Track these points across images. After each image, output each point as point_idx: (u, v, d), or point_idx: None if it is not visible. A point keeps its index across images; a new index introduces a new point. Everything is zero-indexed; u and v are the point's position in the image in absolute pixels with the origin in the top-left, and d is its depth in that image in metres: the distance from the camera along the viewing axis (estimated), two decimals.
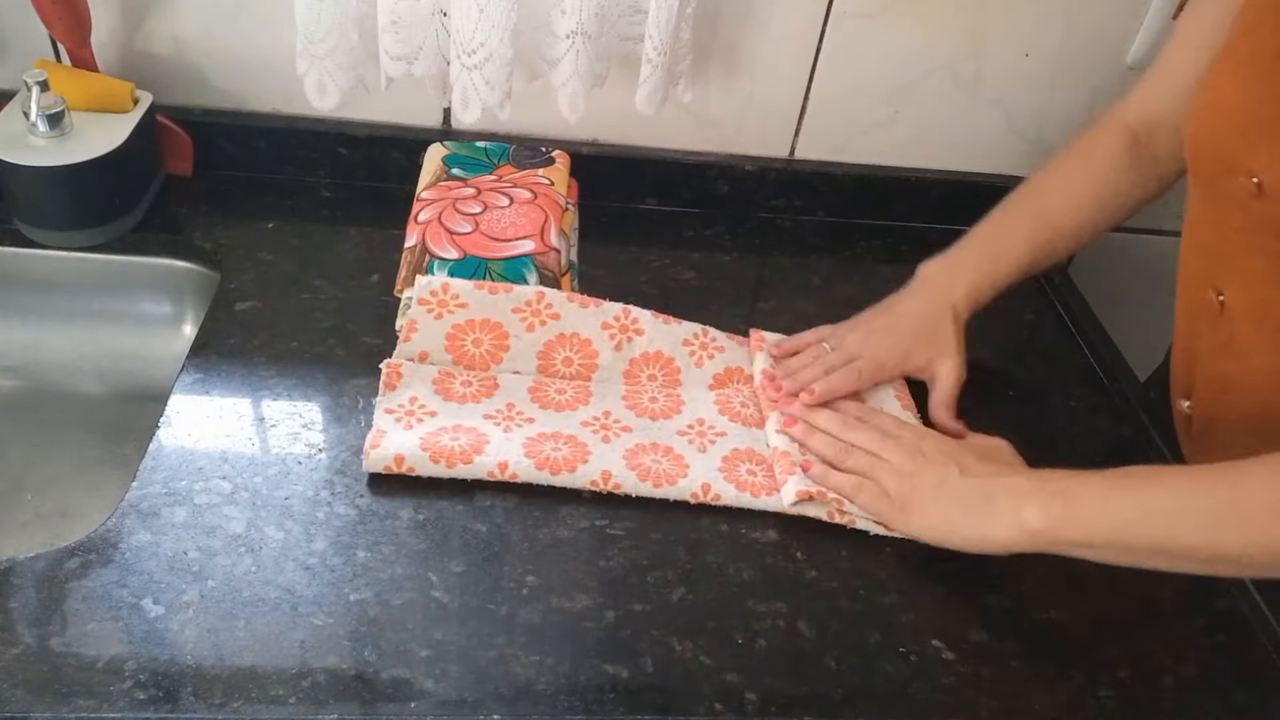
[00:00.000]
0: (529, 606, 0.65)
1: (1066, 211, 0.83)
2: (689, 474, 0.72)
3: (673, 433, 0.76)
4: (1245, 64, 0.67)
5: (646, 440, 0.75)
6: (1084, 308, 0.97)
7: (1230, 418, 0.75)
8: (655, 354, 0.80)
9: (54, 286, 0.90)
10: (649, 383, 0.80)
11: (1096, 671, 0.66)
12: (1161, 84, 0.80)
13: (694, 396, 0.80)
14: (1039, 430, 0.85)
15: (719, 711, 0.61)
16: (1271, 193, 0.65)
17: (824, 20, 0.95)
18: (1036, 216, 0.83)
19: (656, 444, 0.75)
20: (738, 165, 1.02)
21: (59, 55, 0.91)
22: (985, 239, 0.84)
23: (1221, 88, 0.69)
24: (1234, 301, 0.71)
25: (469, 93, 0.85)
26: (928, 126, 1.02)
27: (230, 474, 0.70)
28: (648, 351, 0.80)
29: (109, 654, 0.59)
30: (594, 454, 0.72)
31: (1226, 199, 0.69)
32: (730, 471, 0.73)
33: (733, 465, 0.74)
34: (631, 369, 0.80)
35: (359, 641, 0.61)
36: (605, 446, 0.73)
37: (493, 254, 0.79)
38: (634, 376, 0.80)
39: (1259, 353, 0.70)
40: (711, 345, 0.82)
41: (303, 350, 0.80)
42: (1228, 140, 0.68)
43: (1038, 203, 0.84)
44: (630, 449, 0.73)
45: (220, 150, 0.96)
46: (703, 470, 0.73)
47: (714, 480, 0.72)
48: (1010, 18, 0.96)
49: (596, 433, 0.74)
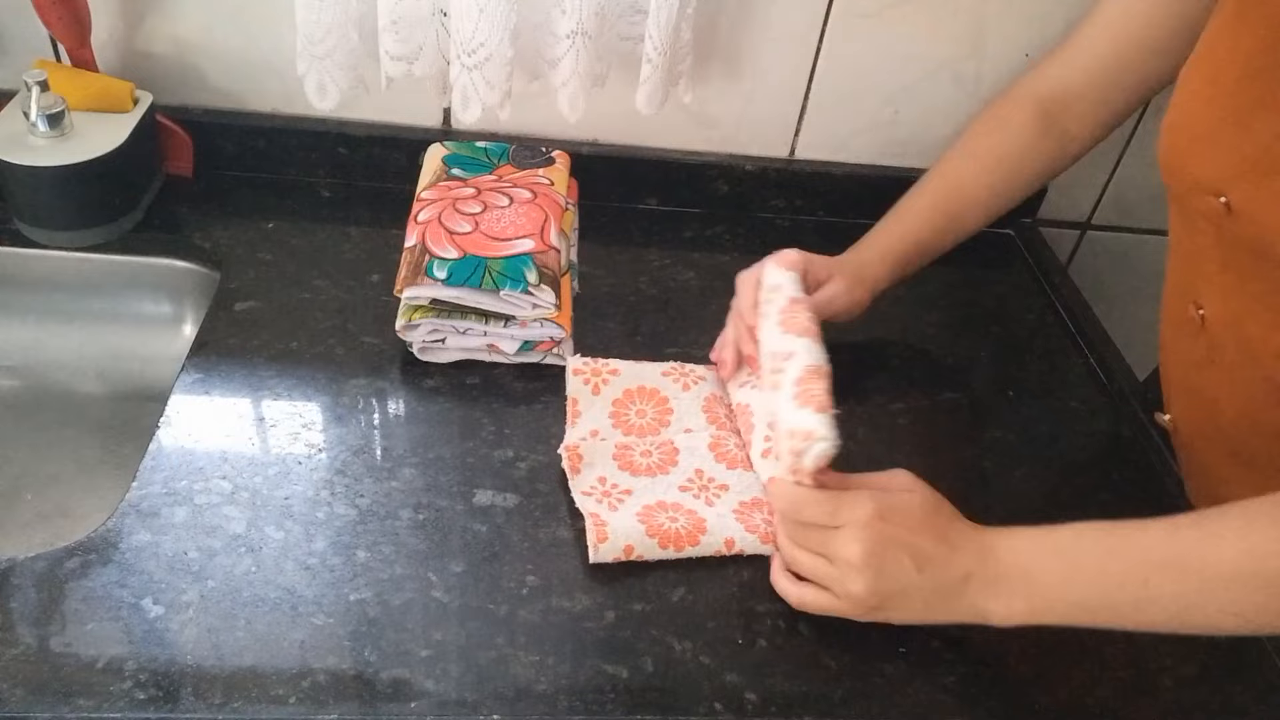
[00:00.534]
0: (529, 606, 0.65)
1: (970, 179, 0.85)
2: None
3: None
4: (1210, 82, 0.67)
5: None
6: (1084, 308, 0.97)
7: (1209, 433, 0.74)
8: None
9: (54, 286, 0.90)
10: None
11: (1096, 671, 0.66)
12: (1074, 60, 0.82)
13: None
14: (1039, 430, 0.85)
15: (719, 711, 0.61)
16: (1240, 212, 0.64)
17: (824, 20, 0.95)
18: (944, 186, 0.85)
19: None
20: (738, 165, 1.02)
21: (59, 55, 0.91)
22: (893, 212, 0.86)
23: (1187, 106, 0.69)
24: (1212, 316, 0.71)
25: (469, 93, 0.85)
26: (928, 126, 1.02)
27: (230, 474, 0.70)
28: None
29: (109, 654, 0.59)
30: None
31: (1199, 216, 0.69)
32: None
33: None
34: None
35: (359, 641, 0.61)
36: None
37: (492, 253, 0.79)
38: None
39: (1235, 368, 0.70)
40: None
41: (303, 350, 0.80)
42: (1195, 159, 0.68)
43: (943, 174, 0.86)
44: None
45: (220, 150, 0.96)
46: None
47: None
48: (1010, 18, 0.96)
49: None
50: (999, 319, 0.96)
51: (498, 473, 0.73)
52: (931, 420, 0.84)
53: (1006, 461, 0.81)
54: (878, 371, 0.87)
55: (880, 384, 0.86)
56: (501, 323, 0.80)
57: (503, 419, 0.77)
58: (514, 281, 0.77)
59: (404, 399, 0.78)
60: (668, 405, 0.79)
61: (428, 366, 0.81)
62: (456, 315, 0.79)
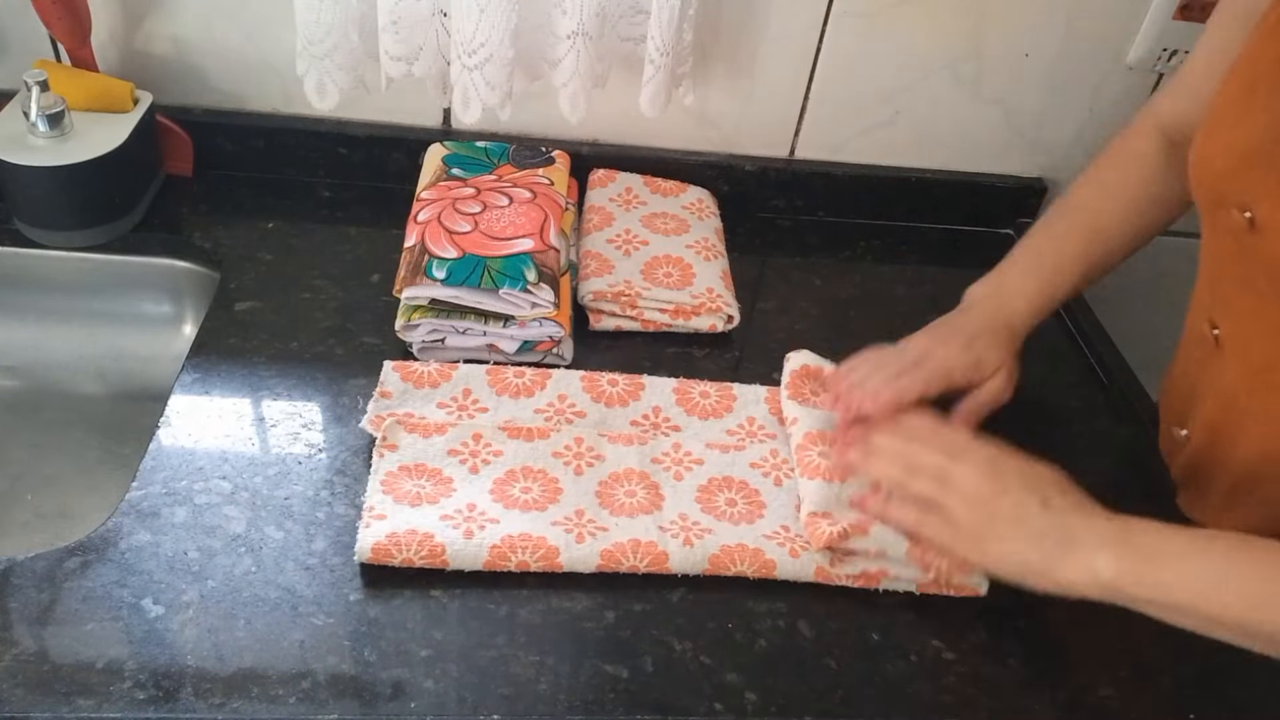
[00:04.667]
0: (529, 606, 0.65)
1: (1115, 221, 0.79)
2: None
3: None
4: (1246, 92, 0.65)
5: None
6: (1084, 308, 0.97)
7: (1222, 457, 0.72)
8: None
9: (54, 286, 0.90)
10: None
11: (1096, 671, 0.66)
12: (1186, 85, 0.77)
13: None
14: (1039, 430, 0.84)
15: (719, 711, 0.61)
16: (1263, 229, 0.63)
17: (824, 20, 0.95)
18: (1088, 230, 0.79)
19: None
20: (738, 165, 1.02)
21: (59, 55, 0.91)
22: (1037, 257, 0.80)
23: (1221, 115, 0.67)
24: (1226, 337, 0.70)
25: (469, 93, 0.85)
26: (928, 126, 1.02)
27: (230, 474, 0.70)
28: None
29: (109, 654, 0.59)
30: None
31: (1223, 230, 0.67)
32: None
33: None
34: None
35: (359, 641, 0.61)
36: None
37: (492, 252, 0.79)
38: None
39: (1245, 394, 0.69)
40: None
41: (303, 350, 0.80)
42: (1223, 171, 0.66)
43: (1085, 217, 0.80)
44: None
45: (220, 150, 0.96)
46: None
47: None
48: (1010, 18, 0.96)
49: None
50: None
51: None
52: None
53: None
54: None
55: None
56: (501, 322, 0.80)
57: None
58: (513, 280, 0.77)
59: None
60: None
61: None
62: (456, 315, 0.79)
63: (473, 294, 0.78)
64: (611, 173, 0.99)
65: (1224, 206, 0.66)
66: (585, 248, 0.90)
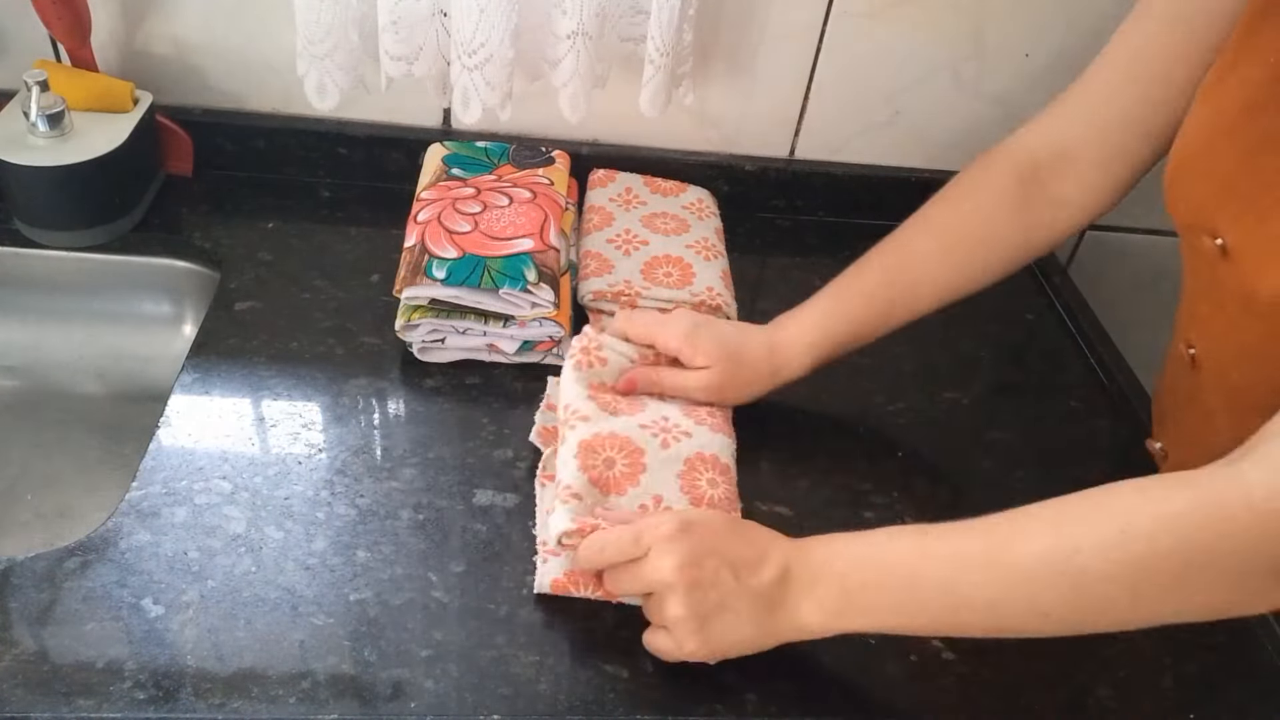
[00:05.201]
0: (529, 606, 0.65)
1: (927, 262, 0.75)
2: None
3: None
4: (1217, 114, 0.64)
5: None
6: (1084, 308, 0.97)
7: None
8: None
9: (54, 286, 0.90)
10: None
11: (1096, 671, 0.66)
12: (1074, 112, 0.73)
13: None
14: (1039, 430, 0.85)
15: (719, 711, 0.61)
16: (1234, 256, 0.62)
17: (824, 20, 0.95)
18: (892, 270, 0.75)
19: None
20: (738, 165, 1.02)
21: (59, 55, 0.91)
22: (834, 288, 0.77)
23: (1194, 136, 0.65)
24: (1202, 357, 0.69)
25: (469, 93, 0.85)
26: (928, 126, 1.02)
27: (230, 474, 0.70)
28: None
29: (109, 654, 0.59)
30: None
31: (1197, 255, 0.67)
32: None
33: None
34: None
35: (359, 641, 0.61)
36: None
37: (492, 252, 0.79)
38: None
39: (1219, 413, 0.68)
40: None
41: (303, 350, 0.80)
42: (1196, 196, 0.65)
43: (895, 257, 0.76)
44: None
45: (220, 150, 0.96)
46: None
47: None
48: (1010, 18, 0.96)
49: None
50: (999, 319, 0.96)
51: (498, 473, 0.73)
52: (931, 420, 0.84)
53: (1006, 461, 0.81)
54: (877, 371, 0.86)
55: (880, 384, 0.86)
56: (501, 322, 0.80)
57: (503, 419, 0.77)
58: (513, 280, 0.77)
59: (404, 399, 0.78)
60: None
61: (427, 366, 0.81)
62: (456, 315, 0.79)
63: (473, 294, 0.78)
64: (611, 173, 0.99)
65: (1197, 233, 0.66)
66: (585, 247, 0.90)
